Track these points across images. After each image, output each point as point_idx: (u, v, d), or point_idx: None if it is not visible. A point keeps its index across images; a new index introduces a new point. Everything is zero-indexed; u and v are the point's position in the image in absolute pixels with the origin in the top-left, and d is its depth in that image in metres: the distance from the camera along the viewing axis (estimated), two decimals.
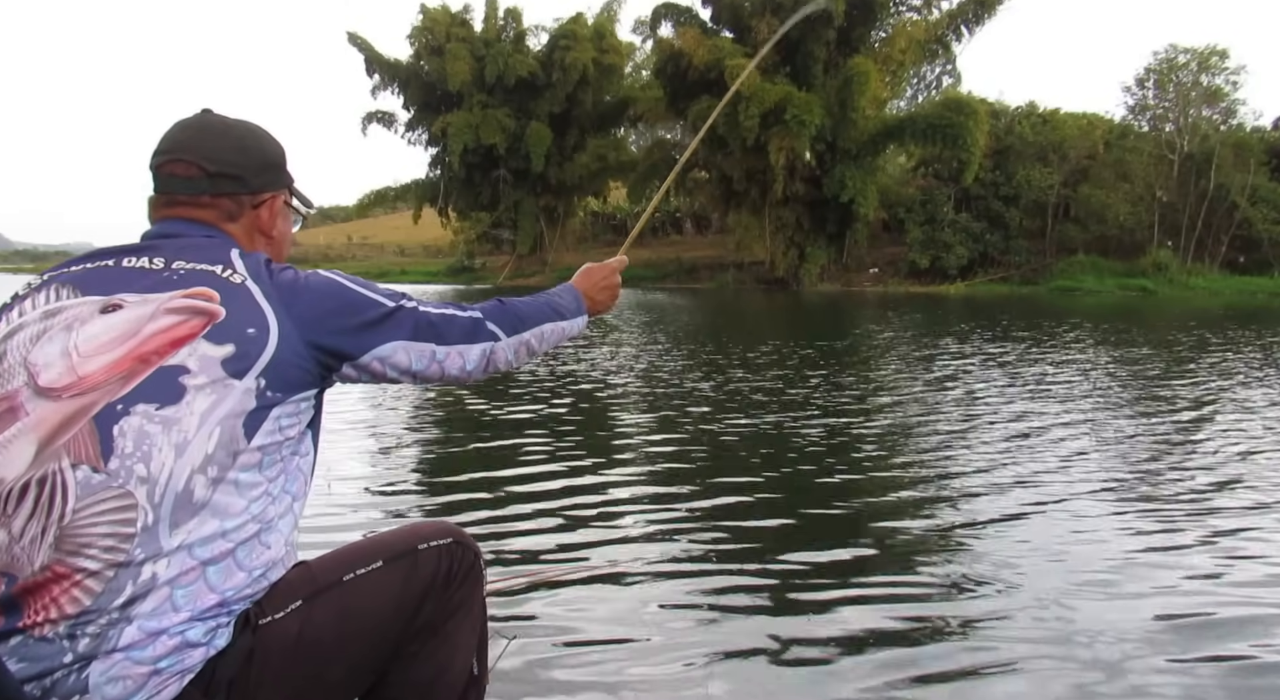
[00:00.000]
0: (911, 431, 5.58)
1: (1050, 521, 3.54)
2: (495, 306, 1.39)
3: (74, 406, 1.01)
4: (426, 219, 44.01)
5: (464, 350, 1.31)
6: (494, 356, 1.36)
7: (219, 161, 1.24)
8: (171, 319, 1.07)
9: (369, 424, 5.74)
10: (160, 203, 1.24)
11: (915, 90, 38.53)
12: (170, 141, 1.24)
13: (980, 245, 30.60)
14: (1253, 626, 2.51)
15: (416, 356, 1.26)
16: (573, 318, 1.51)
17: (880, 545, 3.27)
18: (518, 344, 1.39)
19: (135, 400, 1.02)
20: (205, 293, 1.10)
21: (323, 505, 3.60)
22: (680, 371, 8.51)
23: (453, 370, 1.31)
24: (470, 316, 1.33)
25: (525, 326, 1.40)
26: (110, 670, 0.98)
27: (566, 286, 1.57)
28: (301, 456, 1.18)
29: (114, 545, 0.99)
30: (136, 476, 1.00)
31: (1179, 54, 31.19)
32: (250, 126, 1.31)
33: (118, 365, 1.04)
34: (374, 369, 1.23)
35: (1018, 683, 2.17)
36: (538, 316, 1.43)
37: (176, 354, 1.05)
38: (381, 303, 1.23)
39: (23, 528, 0.97)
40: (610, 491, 4.02)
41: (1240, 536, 3.35)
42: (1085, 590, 2.78)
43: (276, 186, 1.32)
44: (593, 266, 1.64)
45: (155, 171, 1.25)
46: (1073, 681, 2.17)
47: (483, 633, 1.39)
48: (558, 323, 1.47)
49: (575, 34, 38.19)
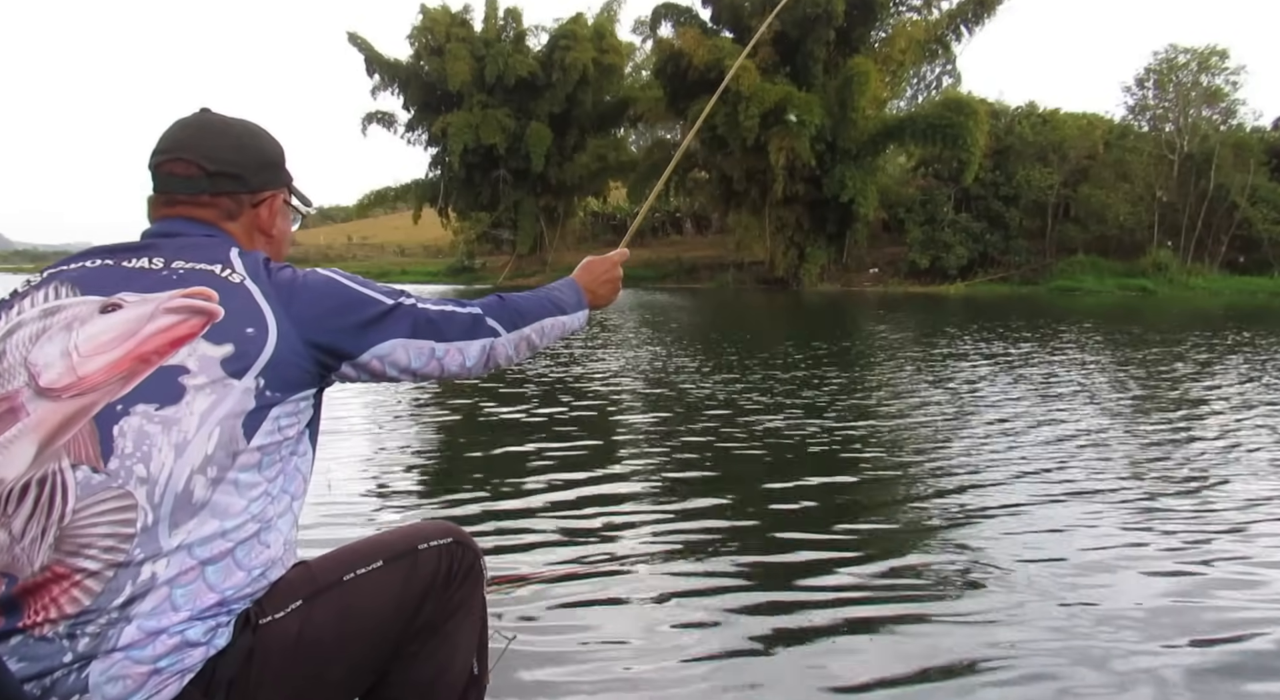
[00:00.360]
0: (912, 431, 5.58)
1: (1051, 521, 3.54)
2: (495, 302, 1.38)
3: (74, 407, 1.01)
4: (426, 219, 44.03)
5: (464, 347, 1.31)
6: (494, 352, 1.35)
7: (218, 160, 1.23)
8: (171, 318, 1.07)
9: (369, 424, 5.74)
10: (160, 202, 1.24)
11: (915, 90, 38.56)
12: (169, 140, 1.24)
13: (980, 245, 30.61)
14: (1252, 622, 2.51)
15: (416, 354, 1.25)
16: (573, 312, 1.50)
17: (882, 544, 3.27)
18: (518, 339, 1.38)
19: (135, 400, 1.02)
20: (204, 292, 1.10)
21: (323, 505, 3.60)
22: (680, 372, 8.51)
23: (452, 367, 1.31)
24: (470, 313, 1.33)
25: (525, 322, 1.39)
26: (110, 670, 0.98)
27: (567, 281, 1.56)
28: (300, 456, 1.18)
29: (114, 545, 0.99)
30: (136, 477, 1.00)
31: (1179, 54, 31.21)
32: (249, 125, 1.30)
33: (118, 365, 1.04)
34: (373, 368, 1.23)
35: (1020, 679, 2.17)
36: (538, 311, 1.42)
37: (176, 354, 1.05)
38: (380, 301, 1.23)
39: (23, 528, 0.97)
40: (610, 491, 4.02)
41: (1237, 536, 3.35)
42: (1085, 590, 2.78)
43: (276, 185, 1.31)
44: (593, 260, 1.63)
45: (154, 171, 1.25)
46: (1074, 678, 2.17)
47: (483, 633, 1.38)
48: (558, 317, 1.46)
49: (575, 34, 38.20)
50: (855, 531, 3.43)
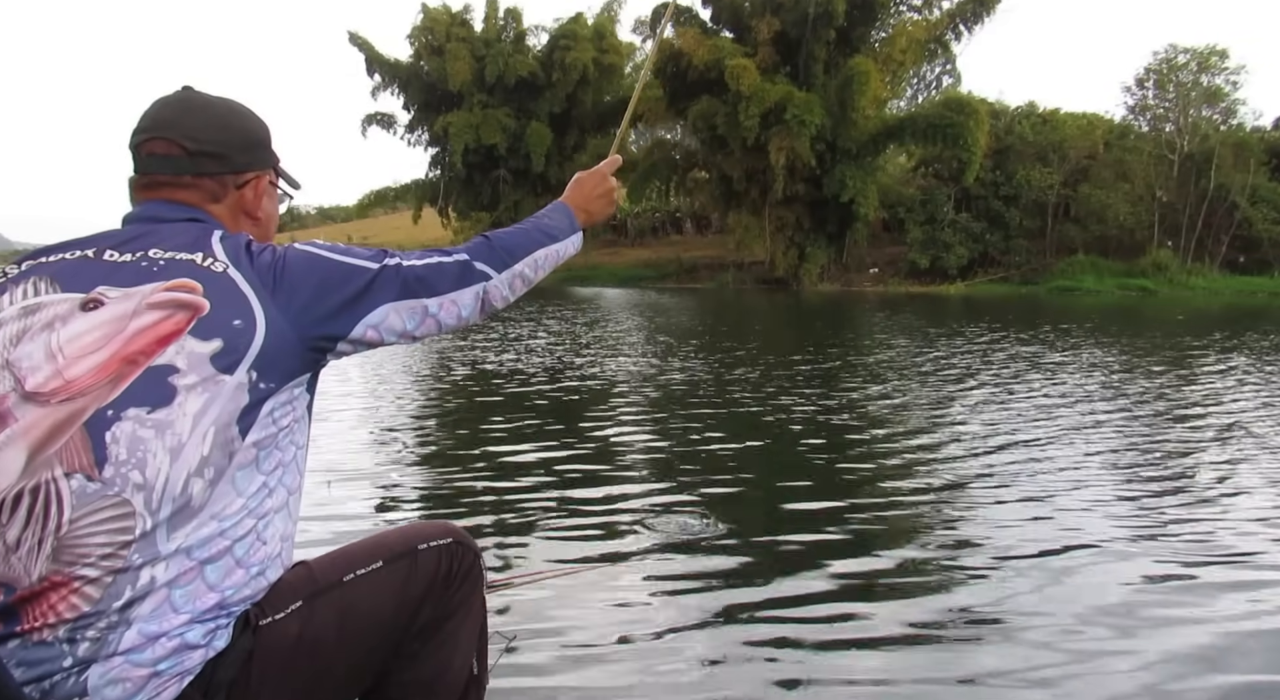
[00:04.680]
0: (913, 431, 5.58)
1: (1052, 521, 3.54)
2: (482, 244, 1.34)
3: (64, 412, 0.99)
4: (426, 219, 43.98)
5: (457, 297, 1.27)
6: (488, 296, 1.31)
7: (200, 140, 1.19)
8: (155, 315, 1.04)
9: (369, 423, 5.74)
10: (141, 184, 1.20)
11: (915, 90, 38.46)
12: (150, 119, 1.20)
13: (980, 245, 30.57)
14: (1245, 617, 2.51)
15: (408, 315, 1.22)
16: (565, 238, 1.45)
17: (883, 544, 3.27)
18: (511, 278, 1.34)
19: (126, 404, 1.00)
20: (187, 285, 1.07)
21: (323, 504, 3.60)
22: (681, 372, 8.51)
23: (450, 321, 1.27)
24: (457, 261, 1.28)
25: (515, 258, 1.34)
26: (109, 673, 0.98)
27: (556, 204, 1.51)
28: (297, 447, 1.16)
29: (112, 553, 0.98)
30: (133, 484, 0.99)
31: (1179, 54, 31.17)
32: (233, 104, 1.27)
33: (105, 368, 1.01)
34: (368, 338, 1.19)
35: (1022, 681, 2.18)
36: (528, 244, 1.37)
37: (164, 353, 1.03)
38: (365, 267, 1.19)
39: (18, 538, 0.96)
40: (610, 491, 4.02)
41: (1237, 536, 3.36)
42: (1086, 591, 2.78)
43: (261, 166, 1.28)
44: (583, 175, 1.56)
45: (134, 150, 1.20)
46: (1076, 679, 2.17)
47: (483, 632, 1.38)
48: (550, 247, 1.41)
49: (575, 34, 38.18)
50: (856, 531, 3.43)
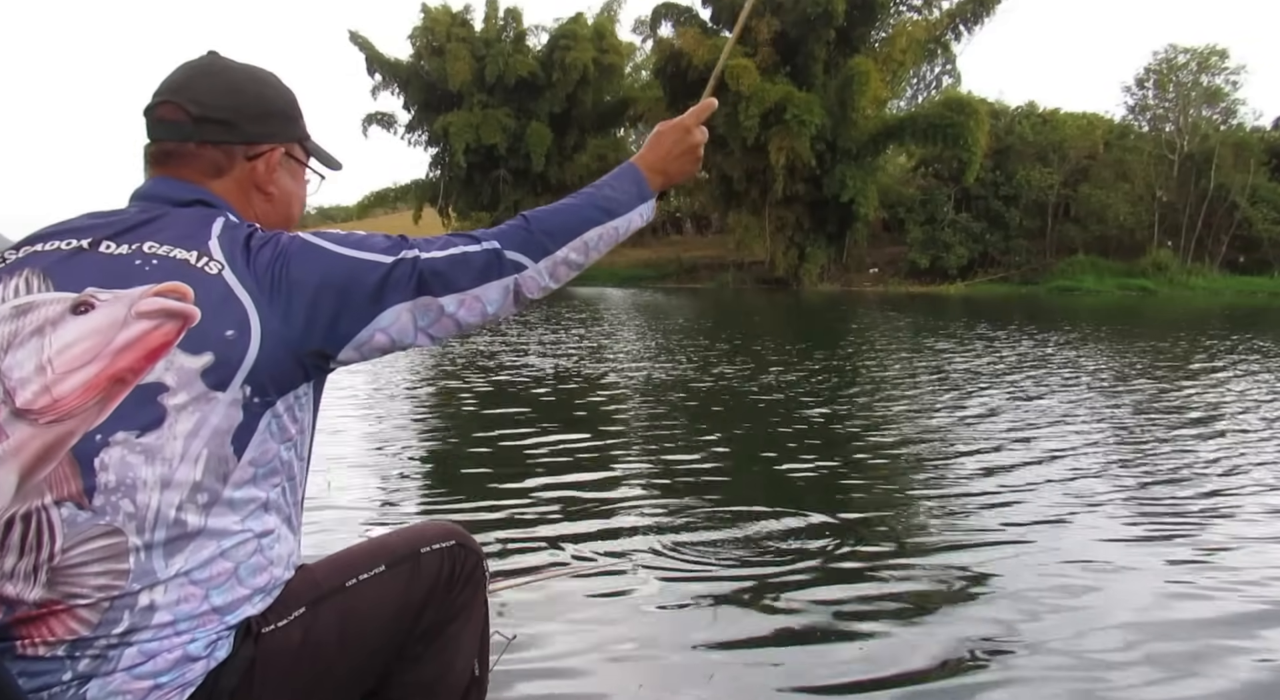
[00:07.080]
0: (914, 431, 5.58)
1: (1050, 520, 3.55)
2: (518, 228, 1.18)
3: (52, 435, 0.95)
4: (427, 219, 43.98)
5: (482, 293, 1.13)
6: (522, 288, 1.17)
7: (207, 105, 1.11)
8: (144, 325, 0.99)
9: (369, 423, 5.74)
10: (150, 152, 1.15)
11: (915, 90, 38.48)
12: (165, 83, 1.14)
13: (980, 245, 30.60)
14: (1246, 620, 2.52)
15: (423, 314, 1.10)
16: (628, 211, 1.27)
17: (884, 544, 3.27)
18: (552, 266, 1.19)
19: (114, 428, 0.95)
20: (178, 289, 1.00)
21: (323, 506, 3.60)
22: (681, 372, 8.51)
23: (473, 319, 1.15)
24: (485, 249, 1.14)
25: (558, 243, 1.19)
26: (110, 686, 0.96)
27: (626, 166, 1.33)
28: (299, 460, 1.13)
29: (108, 583, 0.96)
30: (124, 513, 0.95)
31: (1179, 54, 31.23)
32: (255, 70, 1.18)
33: (93, 386, 0.96)
34: (378, 343, 1.09)
35: (1023, 682, 2.18)
36: (576, 225, 1.21)
37: (153, 370, 0.97)
38: (376, 263, 1.08)
39: (13, 566, 0.95)
40: (611, 491, 4.02)
41: (1237, 536, 3.36)
42: (1085, 591, 2.79)
43: (279, 139, 1.18)
44: (664, 128, 1.34)
45: (147, 115, 1.14)
46: (1076, 682, 2.17)
47: (484, 634, 1.38)
48: (605, 224, 1.24)
49: (575, 34, 38.16)
50: (857, 531, 3.44)
